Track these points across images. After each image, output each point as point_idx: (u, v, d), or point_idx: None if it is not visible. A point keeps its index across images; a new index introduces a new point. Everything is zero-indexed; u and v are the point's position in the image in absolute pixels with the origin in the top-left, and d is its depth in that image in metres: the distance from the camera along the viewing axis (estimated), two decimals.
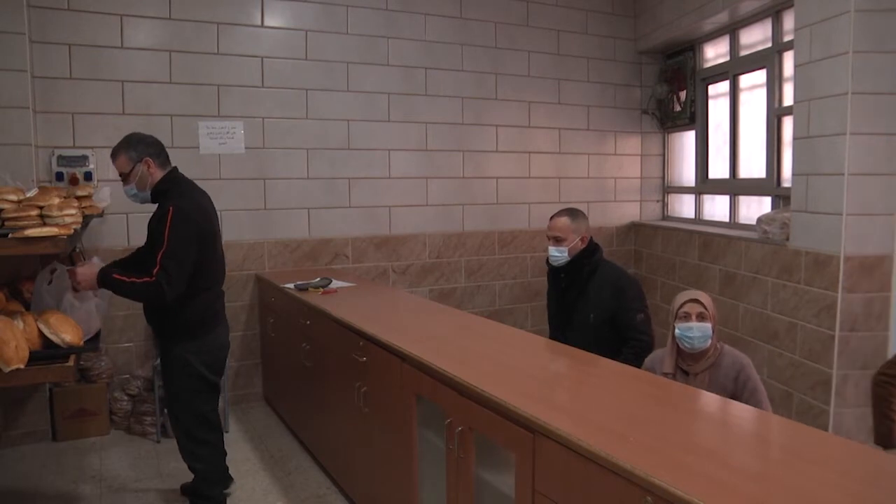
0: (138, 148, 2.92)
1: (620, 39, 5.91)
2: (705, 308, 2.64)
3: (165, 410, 4.16)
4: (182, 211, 2.80)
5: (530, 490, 1.90)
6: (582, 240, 3.25)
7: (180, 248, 2.77)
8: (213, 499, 3.13)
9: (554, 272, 3.37)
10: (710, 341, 2.64)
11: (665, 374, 2.67)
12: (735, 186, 5.23)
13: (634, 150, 6.05)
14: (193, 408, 3.05)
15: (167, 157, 3.02)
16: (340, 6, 4.88)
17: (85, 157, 4.20)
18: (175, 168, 3.03)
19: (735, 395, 2.59)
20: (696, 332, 2.62)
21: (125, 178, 2.94)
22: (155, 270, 2.72)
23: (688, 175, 5.91)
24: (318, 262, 4.94)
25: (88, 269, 2.78)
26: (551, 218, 3.33)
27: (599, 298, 3.18)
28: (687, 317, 2.64)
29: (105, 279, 2.75)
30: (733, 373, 2.61)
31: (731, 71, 5.19)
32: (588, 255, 3.25)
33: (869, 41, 3.53)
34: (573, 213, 3.30)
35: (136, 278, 2.75)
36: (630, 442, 1.70)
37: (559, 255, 3.25)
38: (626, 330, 3.13)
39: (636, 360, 2.97)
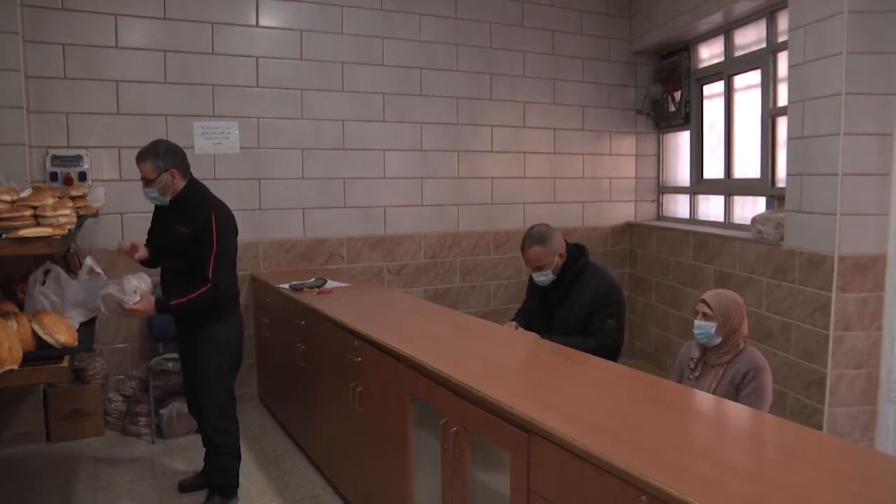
0: (166, 158, 3.10)
1: (615, 40, 5.92)
2: (710, 309, 2.74)
3: (161, 411, 4.16)
4: (222, 216, 3.13)
5: (525, 490, 1.90)
6: (560, 256, 3.21)
7: (227, 248, 3.14)
8: (233, 471, 3.35)
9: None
10: (716, 339, 2.73)
11: (691, 359, 2.84)
12: (730, 186, 5.24)
13: (629, 151, 6.06)
14: (226, 384, 3.29)
15: (189, 166, 3.21)
16: (335, 6, 4.88)
17: (79, 157, 4.19)
18: (192, 176, 3.24)
19: (739, 390, 2.65)
20: (697, 329, 2.77)
21: (148, 182, 3.11)
22: (210, 274, 3.02)
23: (682, 175, 5.93)
24: (313, 262, 4.93)
25: (144, 303, 3.00)
26: (523, 249, 3.23)
27: (580, 303, 3.18)
28: (696, 314, 2.80)
29: (165, 309, 3.06)
30: (745, 369, 2.68)
31: (726, 71, 5.20)
32: (571, 263, 3.23)
33: (862, 42, 3.55)
34: (542, 237, 3.18)
35: (193, 293, 3.02)
36: (624, 441, 1.70)
37: (545, 278, 3.22)
38: (595, 330, 3.14)
39: (594, 352, 2.95)
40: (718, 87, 5.36)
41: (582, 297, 3.18)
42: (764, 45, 4.74)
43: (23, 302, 2.82)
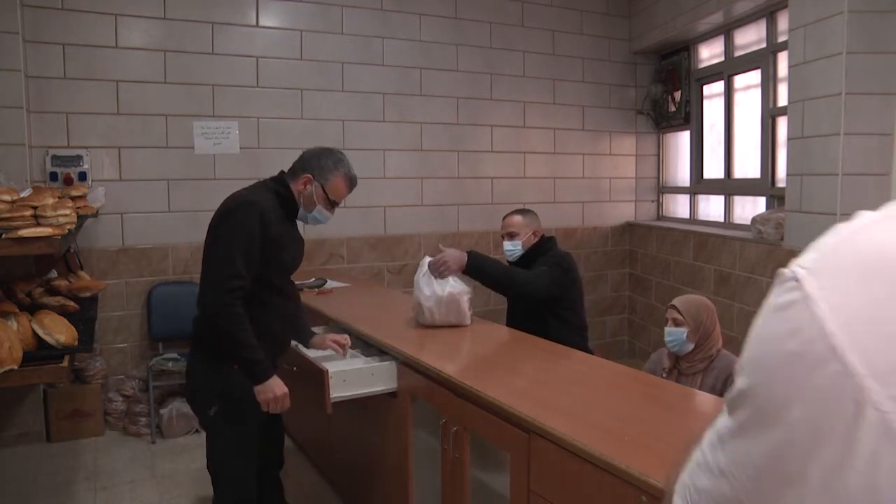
0: None
1: (615, 40, 5.91)
2: (680, 314, 2.69)
3: (161, 411, 4.16)
4: None
5: (525, 490, 1.90)
6: (534, 234, 3.34)
7: None
8: None
9: None
10: (688, 346, 2.66)
11: (663, 369, 2.76)
12: (729, 186, 5.24)
13: (629, 151, 6.06)
14: None
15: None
16: (335, 6, 4.87)
17: (79, 157, 4.19)
18: None
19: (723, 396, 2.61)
20: (668, 336, 2.71)
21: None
22: None
23: (682, 175, 5.93)
24: (312, 262, 4.92)
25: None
26: (504, 218, 3.45)
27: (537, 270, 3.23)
28: (667, 321, 2.74)
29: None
30: (724, 375, 2.63)
31: (726, 71, 5.20)
32: (542, 249, 3.32)
33: (862, 42, 3.55)
34: (524, 211, 3.44)
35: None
36: (624, 441, 1.70)
37: (513, 248, 3.33)
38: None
39: (519, 276, 3.04)
40: (718, 87, 5.36)
41: (540, 267, 3.22)
42: (764, 45, 4.74)
43: (22, 302, 2.81)
